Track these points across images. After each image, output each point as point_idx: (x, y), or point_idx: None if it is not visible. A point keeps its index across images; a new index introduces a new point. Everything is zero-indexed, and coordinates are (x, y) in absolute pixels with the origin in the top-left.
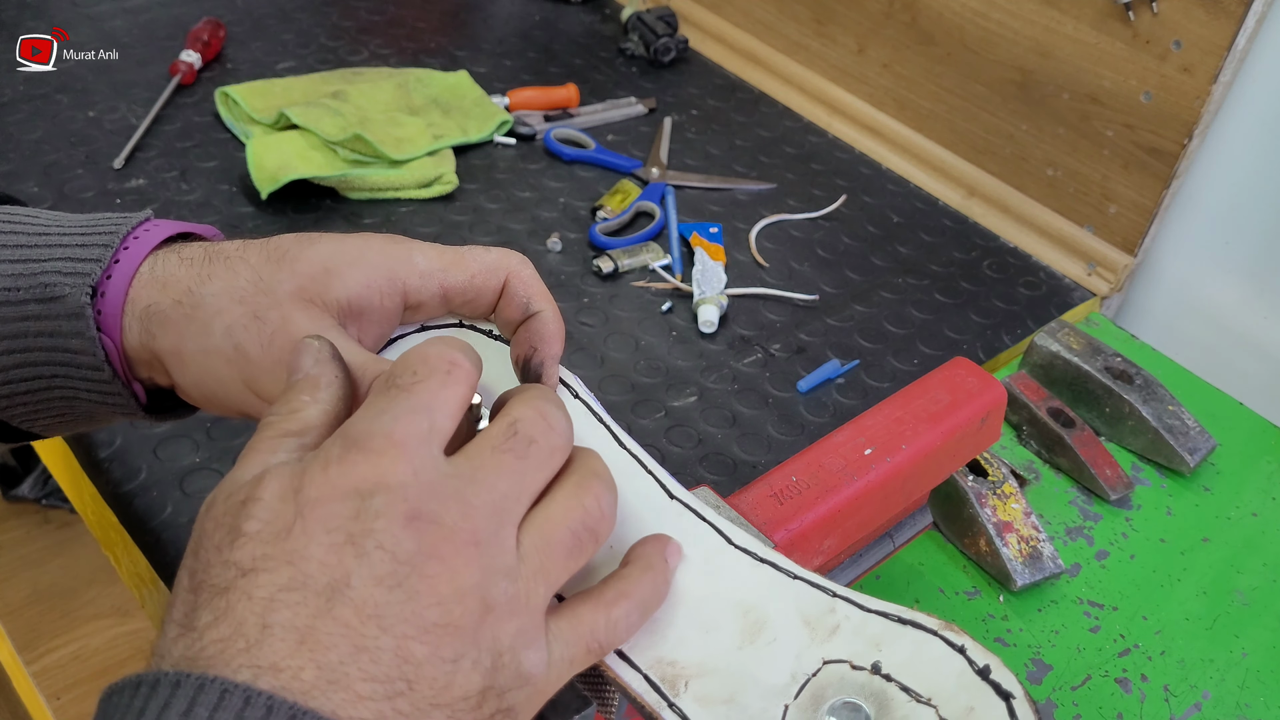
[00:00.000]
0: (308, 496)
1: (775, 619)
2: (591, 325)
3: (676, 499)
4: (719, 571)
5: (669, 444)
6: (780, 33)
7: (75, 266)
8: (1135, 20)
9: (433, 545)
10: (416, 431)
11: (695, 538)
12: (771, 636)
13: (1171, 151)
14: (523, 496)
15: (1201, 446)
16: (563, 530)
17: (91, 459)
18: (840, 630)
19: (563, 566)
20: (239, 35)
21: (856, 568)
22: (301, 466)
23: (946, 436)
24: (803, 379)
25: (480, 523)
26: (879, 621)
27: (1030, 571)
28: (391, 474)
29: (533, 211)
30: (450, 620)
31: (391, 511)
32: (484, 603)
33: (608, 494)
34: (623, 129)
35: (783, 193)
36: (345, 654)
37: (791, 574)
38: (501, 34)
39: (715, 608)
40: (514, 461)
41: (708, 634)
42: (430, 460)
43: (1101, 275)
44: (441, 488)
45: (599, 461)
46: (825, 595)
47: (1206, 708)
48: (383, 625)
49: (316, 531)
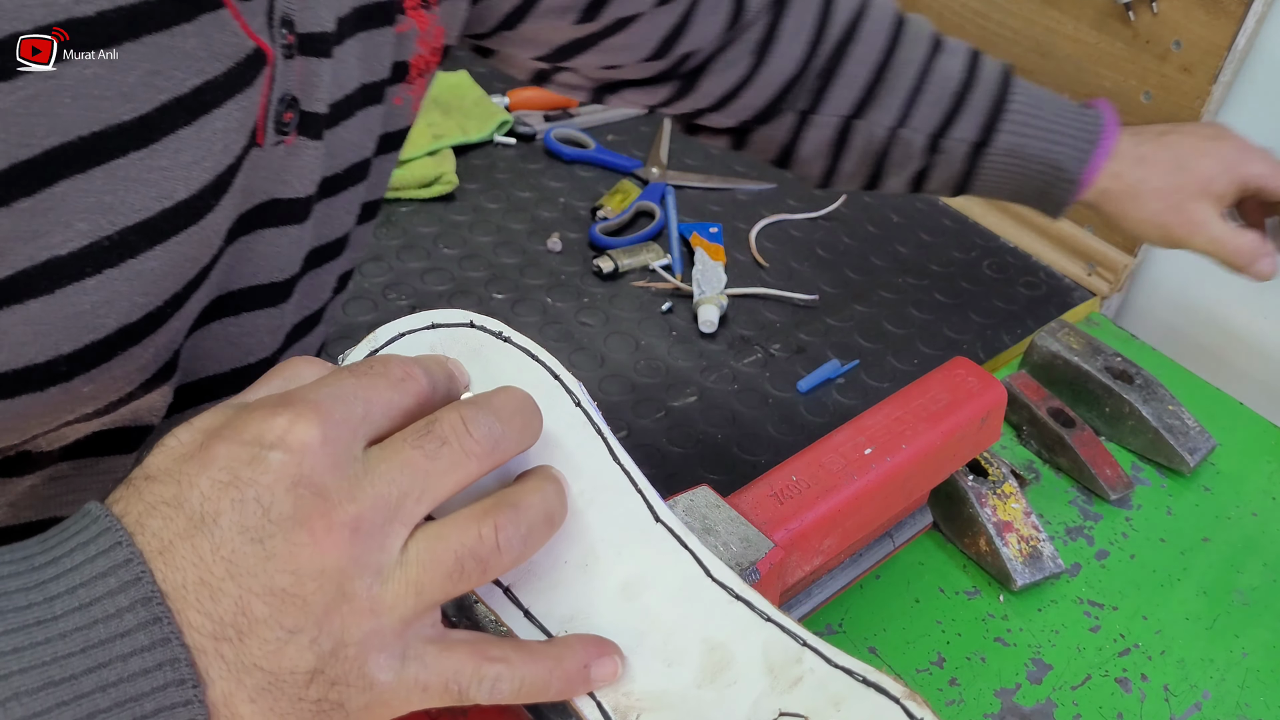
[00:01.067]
0: (221, 431)
1: (739, 660)
2: (591, 325)
3: (662, 523)
4: (692, 602)
5: (669, 444)
6: None
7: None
8: (1135, 20)
9: (307, 515)
10: (346, 412)
11: (674, 564)
12: (732, 679)
13: None
14: (424, 498)
15: (1201, 446)
16: (449, 552)
17: None
18: (803, 682)
19: (440, 588)
20: None
21: (856, 568)
22: (237, 407)
23: (946, 436)
24: (803, 379)
25: (366, 511)
26: (843, 679)
27: (1030, 571)
28: (299, 435)
29: (533, 211)
30: (300, 592)
31: (281, 470)
32: (341, 590)
33: (515, 528)
34: (623, 129)
35: (783, 193)
36: (190, 580)
37: (765, 615)
38: None
39: (681, 640)
40: (420, 460)
41: (669, 667)
42: (345, 440)
43: (1101, 275)
44: (342, 467)
45: (534, 493)
46: (794, 643)
47: (1206, 708)
48: (232, 572)
49: (211, 464)
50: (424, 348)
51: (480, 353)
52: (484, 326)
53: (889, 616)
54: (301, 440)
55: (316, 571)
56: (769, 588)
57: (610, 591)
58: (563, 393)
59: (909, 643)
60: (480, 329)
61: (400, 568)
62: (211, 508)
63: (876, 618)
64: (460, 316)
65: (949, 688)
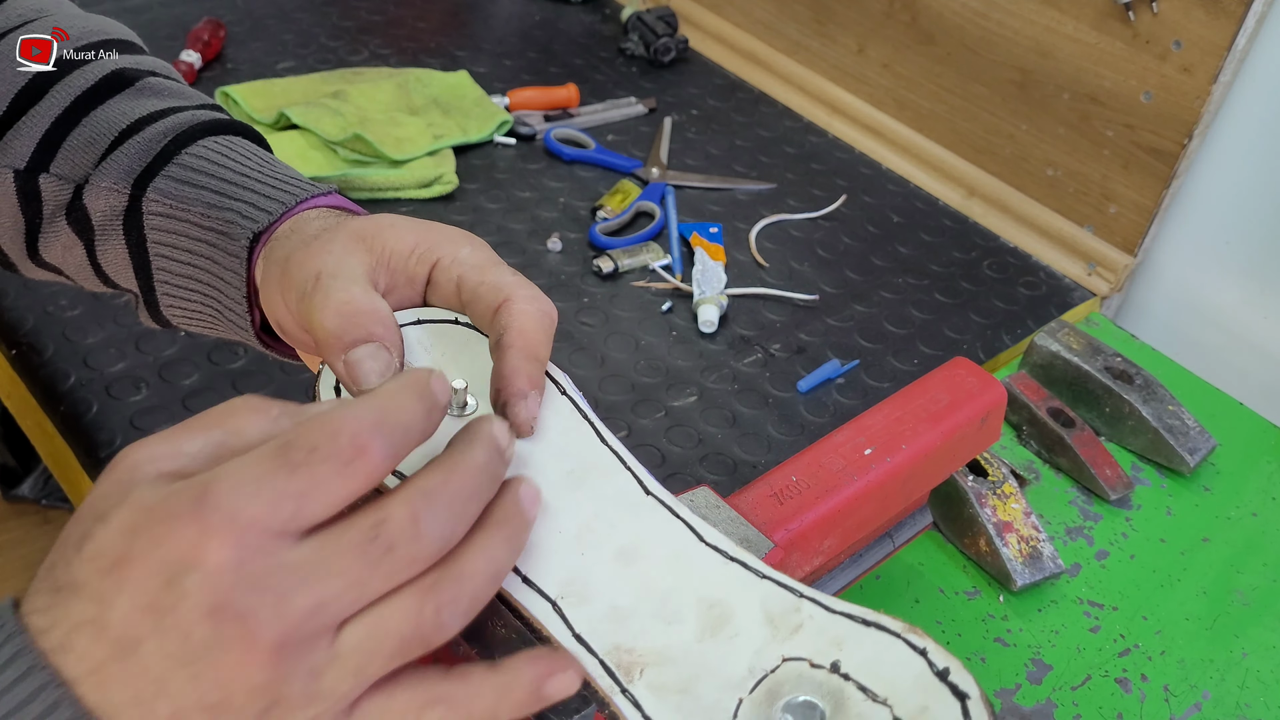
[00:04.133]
0: (135, 547)
1: (739, 614)
2: (591, 325)
3: (652, 495)
4: (687, 566)
5: (669, 444)
6: (780, 33)
7: (252, 213)
8: (1135, 20)
9: (229, 641)
10: (271, 518)
11: (667, 533)
12: (733, 631)
13: (1171, 151)
14: (359, 600)
15: (1201, 446)
16: (390, 639)
17: (92, 458)
18: (803, 629)
19: (383, 666)
20: (239, 35)
21: (856, 568)
22: (156, 503)
23: (946, 436)
24: (803, 379)
25: (292, 625)
26: (843, 622)
27: (1030, 571)
28: (213, 557)
29: (533, 211)
30: (233, 704)
31: (197, 597)
32: (275, 697)
33: (458, 604)
34: (623, 129)
35: (783, 193)
36: (123, 699)
37: (760, 573)
38: (501, 34)
39: (679, 601)
40: (359, 568)
41: (669, 625)
42: (268, 548)
43: (1101, 275)
44: (265, 582)
45: (479, 556)
46: (791, 595)
47: (1206, 708)
48: (162, 691)
49: (128, 587)
50: (411, 342)
51: (468, 346)
52: (469, 323)
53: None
54: (216, 562)
55: (246, 689)
56: None
57: (606, 559)
58: (549, 383)
59: None
60: (465, 325)
61: (336, 660)
62: (133, 632)
63: None
64: (445, 314)
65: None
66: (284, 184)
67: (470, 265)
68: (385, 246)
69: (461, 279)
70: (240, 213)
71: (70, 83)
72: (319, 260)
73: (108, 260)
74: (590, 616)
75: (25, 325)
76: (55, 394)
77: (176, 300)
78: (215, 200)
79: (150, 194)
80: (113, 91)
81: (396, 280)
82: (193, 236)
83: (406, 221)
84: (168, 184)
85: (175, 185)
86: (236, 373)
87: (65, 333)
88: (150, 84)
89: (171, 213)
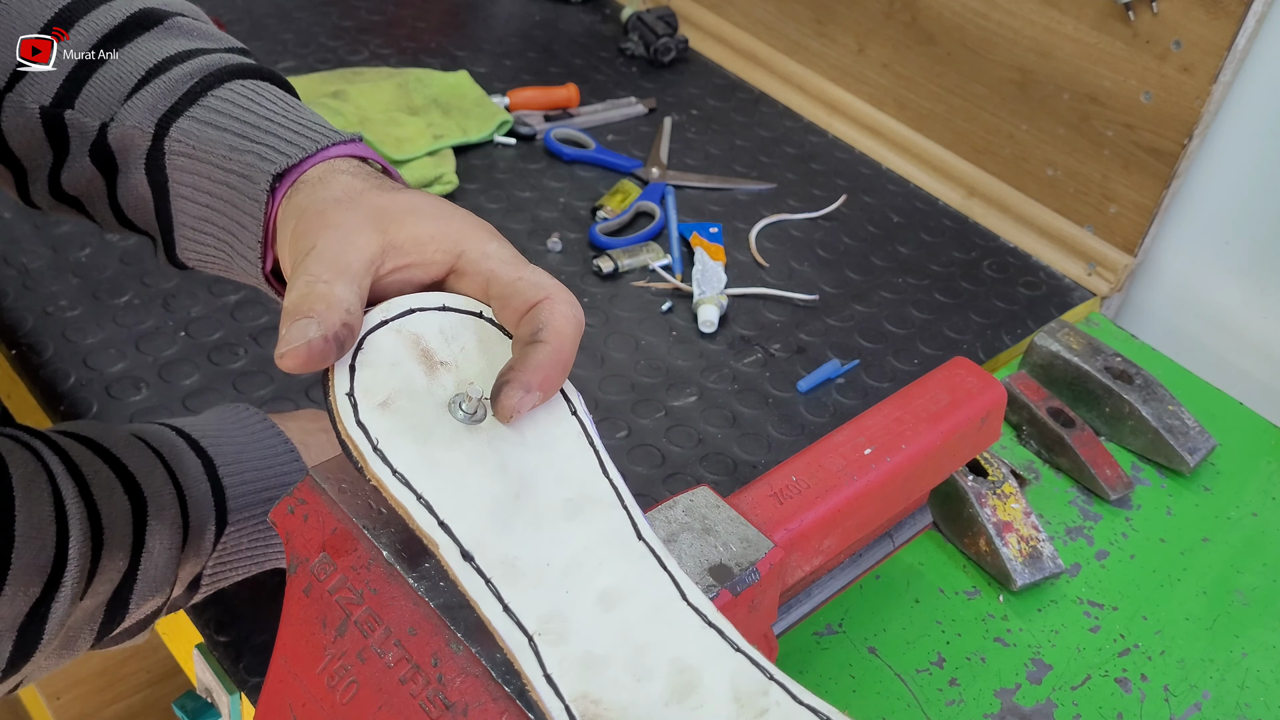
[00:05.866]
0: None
1: (707, 685)
2: (591, 325)
3: (644, 541)
4: (666, 624)
5: (669, 444)
6: (780, 33)
7: (273, 155)
8: (1135, 20)
9: None
10: None
11: (652, 583)
12: (699, 702)
13: (1171, 151)
14: None
15: (1201, 446)
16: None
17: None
18: (768, 714)
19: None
20: (239, 35)
21: (856, 568)
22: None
23: (946, 436)
24: (803, 379)
25: None
26: (808, 717)
27: (1030, 571)
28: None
29: (533, 211)
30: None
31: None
32: None
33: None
34: (623, 129)
35: (783, 193)
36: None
37: (735, 645)
38: (501, 34)
39: (653, 658)
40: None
41: (639, 682)
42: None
43: (1101, 275)
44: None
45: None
46: (762, 676)
47: (1206, 708)
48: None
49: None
50: (433, 328)
51: (486, 346)
52: (493, 320)
53: (889, 616)
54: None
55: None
56: (769, 588)
57: (589, 599)
58: (561, 401)
59: (909, 643)
60: (490, 321)
61: None
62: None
63: (876, 618)
64: (473, 305)
65: (949, 688)
66: (308, 129)
67: (501, 261)
68: (402, 231)
69: (493, 274)
70: (261, 155)
71: (96, 19)
72: (321, 234)
73: (127, 199)
74: (564, 658)
75: (25, 325)
76: (55, 394)
77: (193, 242)
78: (237, 143)
79: (174, 134)
80: (140, 30)
81: (408, 262)
82: (214, 179)
83: (430, 207)
84: (192, 125)
85: (199, 126)
86: (236, 373)
87: (65, 333)
88: (178, 24)
89: (194, 153)
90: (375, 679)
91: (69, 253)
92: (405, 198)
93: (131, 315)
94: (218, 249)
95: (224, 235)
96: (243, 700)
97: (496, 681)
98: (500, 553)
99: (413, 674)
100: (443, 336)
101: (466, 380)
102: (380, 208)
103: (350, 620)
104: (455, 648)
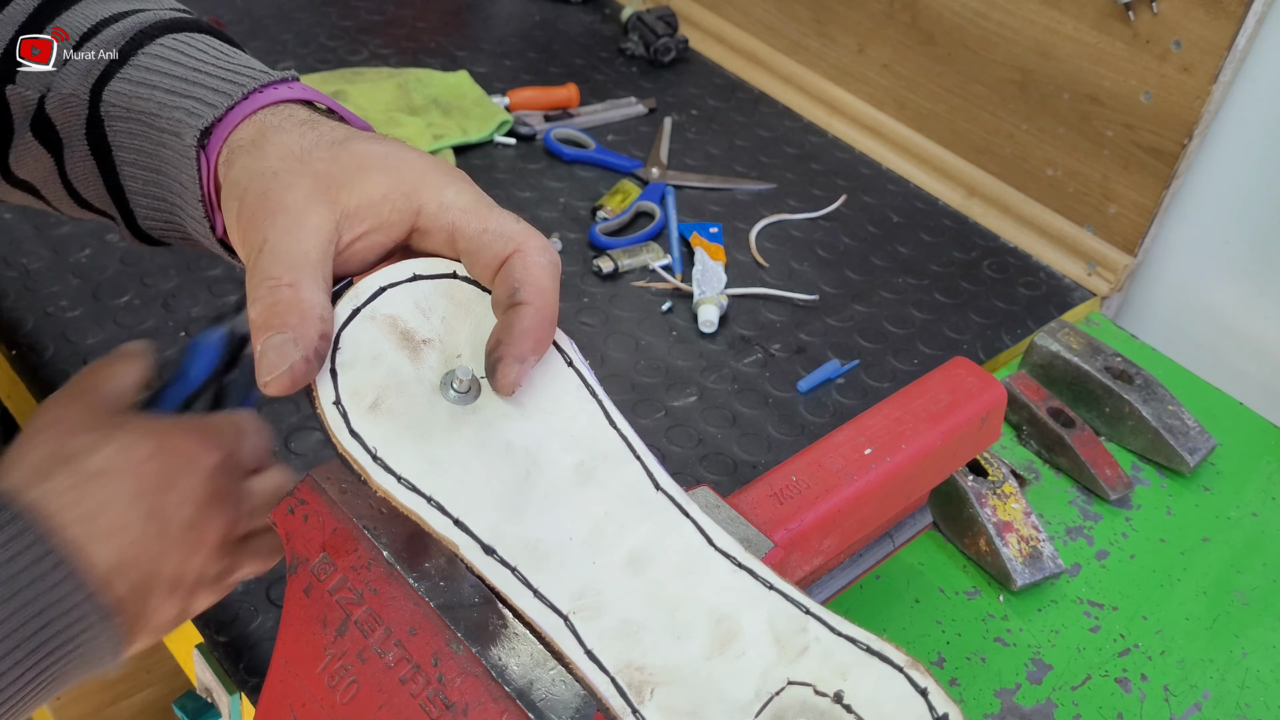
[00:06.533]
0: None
1: (747, 631)
2: (591, 325)
3: (663, 491)
4: (697, 575)
5: (669, 444)
6: (780, 33)
7: (199, 109)
8: (1135, 20)
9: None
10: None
11: (677, 535)
12: (741, 649)
13: (1171, 151)
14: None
15: (1201, 446)
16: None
17: None
18: (809, 651)
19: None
20: (239, 35)
21: (856, 568)
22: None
23: (946, 436)
24: (803, 379)
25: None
26: (848, 648)
27: (1030, 571)
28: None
29: (533, 211)
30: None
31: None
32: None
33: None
34: (623, 129)
35: (783, 193)
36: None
37: (768, 584)
38: (501, 34)
39: (689, 613)
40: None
41: (679, 641)
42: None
43: (1101, 275)
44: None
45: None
46: (799, 611)
47: (1206, 708)
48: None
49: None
50: (407, 304)
51: (468, 307)
52: (468, 277)
53: (889, 616)
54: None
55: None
56: None
57: (617, 566)
58: (555, 353)
59: (909, 643)
60: (465, 279)
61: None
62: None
63: (876, 618)
64: (444, 266)
65: (949, 688)
66: (237, 73)
67: (462, 210)
68: (353, 196)
69: (457, 227)
70: (189, 110)
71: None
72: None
73: (77, 175)
74: (602, 632)
75: (25, 325)
76: None
77: (147, 210)
78: (166, 99)
79: (107, 96)
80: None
81: (365, 229)
82: (151, 139)
83: (377, 159)
84: (123, 85)
85: (131, 86)
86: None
87: (65, 333)
88: None
89: (129, 115)
90: (375, 679)
91: (69, 253)
92: (349, 154)
93: (131, 315)
94: (170, 215)
95: (173, 199)
96: (243, 700)
97: (496, 681)
98: (521, 538)
99: (413, 674)
100: (419, 311)
101: (454, 354)
102: (325, 173)
103: (350, 620)
104: (455, 648)
